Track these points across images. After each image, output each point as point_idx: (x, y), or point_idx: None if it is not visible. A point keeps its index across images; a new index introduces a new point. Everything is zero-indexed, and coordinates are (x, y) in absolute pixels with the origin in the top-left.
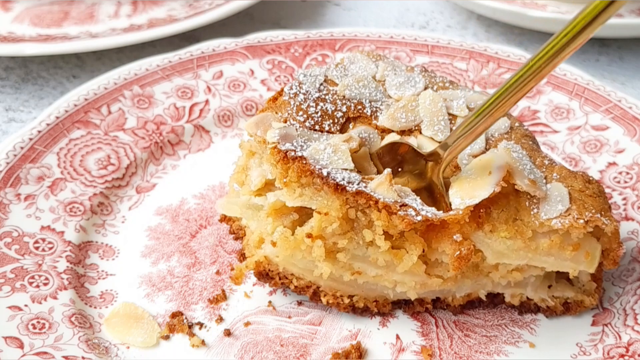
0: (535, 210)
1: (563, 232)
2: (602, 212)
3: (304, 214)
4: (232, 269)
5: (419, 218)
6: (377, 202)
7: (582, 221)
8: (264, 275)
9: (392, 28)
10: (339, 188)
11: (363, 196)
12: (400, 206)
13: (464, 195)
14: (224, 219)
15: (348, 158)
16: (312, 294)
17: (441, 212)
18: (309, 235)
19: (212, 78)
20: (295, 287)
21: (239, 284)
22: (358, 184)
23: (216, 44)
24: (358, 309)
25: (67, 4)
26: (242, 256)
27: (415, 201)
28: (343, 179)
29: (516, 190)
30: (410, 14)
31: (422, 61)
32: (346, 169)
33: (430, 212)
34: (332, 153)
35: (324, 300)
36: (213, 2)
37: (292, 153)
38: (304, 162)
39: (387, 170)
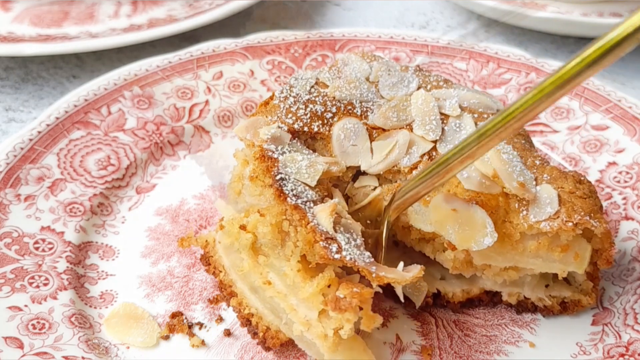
0: (525, 213)
1: (552, 234)
2: (592, 214)
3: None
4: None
5: (337, 256)
6: (307, 224)
7: (570, 224)
8: (206, 258)
9: (392, 28)
10: (281, 196)
11: (299, 213)
12: (326, 238)
13: (459, 237)
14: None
15: (315, 177)
16: (228, 294)
17: (371, 260)
18: (243, 227)
19: (212, 78)
20: (220, 281)
21: (181, 246)
22: (304, 202)
23: (216, 45)
24: (251, 326)
25: (67, 4)
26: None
27: (352, 241)
28: (291, 190)
29: (506, 192)
30: (410, 14)
31: (422, 61)
32: (307, 185)
33: (355, 256)
34: (304, 166)
35: (232, 302)
36: (213, 2)
37: (270, 153)
38: (275, 164)
39: (334, 200)
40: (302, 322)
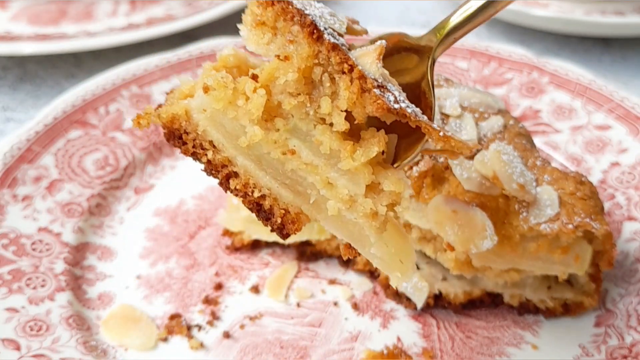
0: (525, 214)
1: (552, 236)
2: (593, 216)
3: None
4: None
5: (396, 107)
6: (352, 68)
7: (571, 226)
8: (177, 136)
9: (392, 27)
10: (314, 34)
11: (339, 54)
12: (379, 86)
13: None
14: (226, 232)
15: (344, 25)
16: (224, 177)
17: (425, 117)
18: (255, 77)
19: None
20: (209, 162)
21: (138, 126)
22: (342, 44)
23: (215, 44)
24: (263, 211)
25: (64, 3)
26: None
27: (399, 94)
28: (325, 29)
29: (505, 194)
30: (411, 13)
31: None
32: (336, 32)
33: (412, 108)
34: (327, 13)
35: (232, 184)
36: (212, 1)
37: None
38: (290, 6)
39: (381, 42)
40: (343, 199)
